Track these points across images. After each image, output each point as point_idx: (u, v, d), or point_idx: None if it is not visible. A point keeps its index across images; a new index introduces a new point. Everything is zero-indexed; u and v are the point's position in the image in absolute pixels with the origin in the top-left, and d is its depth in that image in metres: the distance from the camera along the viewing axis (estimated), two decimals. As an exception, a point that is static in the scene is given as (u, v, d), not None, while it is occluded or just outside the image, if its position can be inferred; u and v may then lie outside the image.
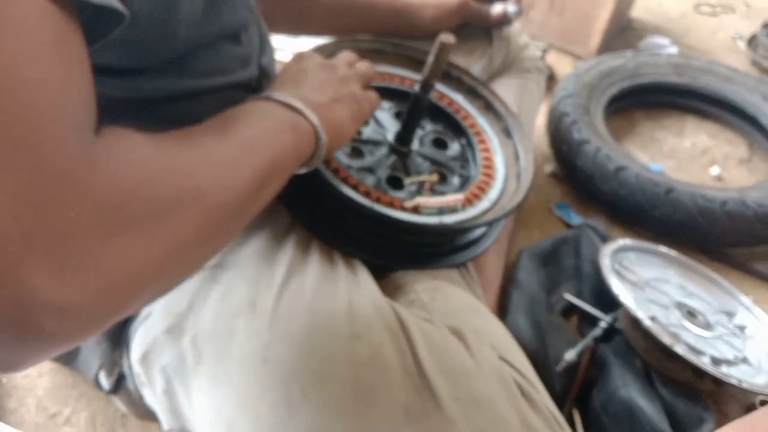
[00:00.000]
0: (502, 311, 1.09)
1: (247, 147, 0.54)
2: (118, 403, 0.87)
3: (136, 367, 0.72)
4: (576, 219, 1.39)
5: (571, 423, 0.97)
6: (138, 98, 0.61)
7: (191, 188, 0.45)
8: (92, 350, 0.78)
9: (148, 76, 0.61)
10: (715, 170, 1.61)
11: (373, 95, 0.81)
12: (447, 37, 0.81)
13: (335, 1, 1.09)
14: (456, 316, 0.75)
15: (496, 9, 1.14)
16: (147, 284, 0.41)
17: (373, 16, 1.11)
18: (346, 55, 0.84)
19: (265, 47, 0.85)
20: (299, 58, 0.77)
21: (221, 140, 0.53)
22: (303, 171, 0.70)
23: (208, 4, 0.63)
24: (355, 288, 0.72)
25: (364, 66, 0.83)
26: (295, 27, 1.11)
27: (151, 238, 0.40)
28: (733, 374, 0.96)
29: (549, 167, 1.54)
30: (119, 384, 0.79)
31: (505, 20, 1.15)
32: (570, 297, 1.13)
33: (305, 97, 0.66)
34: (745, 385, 0.94)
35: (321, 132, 0.65)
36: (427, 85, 0.86)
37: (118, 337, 0.76)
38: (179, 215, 0.43)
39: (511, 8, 1.13)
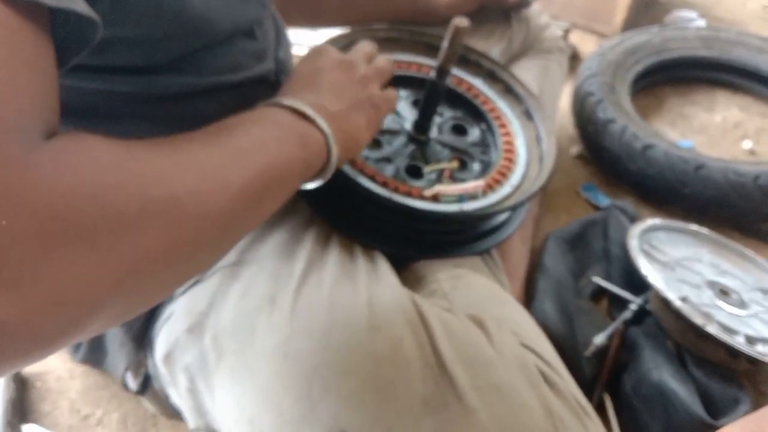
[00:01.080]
0: (528, 297, 1.08)
1: (238, 155, 0.50)
2: (147, 404, 0.88)
3: (161, 367, 0.73)
4: (604, 200, 1.37)
5: (603, 408, 0.96)
6: (153, 95, 0.62)
7: (160, 198, 0.40)
8: (118, 351, 0.79)
9: (162, 73, 0.62)
10: (747, 144, 1.57)
11: (391, 95, 0.77)
12: (461, 21, 0.80)
13: None
14: (477, 305, 0.74)
15: None
16: (102, 302, 0.36)
17: (389, 4, 1.10)
18: (364, 48, 0.80)
19: (281, 40, 0.84)
20: (315, 54, 0.73)
21: (207, 147, 0.48)
22: (312, 185, 0.66)
23: (221, 2, 0.63)
24: (374, 280, 0.72)
25: (383, 62, 0.79)
26: (312, 19, 1.11)
27: (106, 252, 0.36)
28: (770, 353, 0.94)
29: (575, 149, 1.52)
30: (146, 384, 0.80)
31: (523, 2, 1.13)
32: (599, 280, 1.12)
33: (319, 103, 0.63)
34: (781, 364, 0.92)
35: (333, 143, 0.62)
36: (442, 71, 0.84)
37: (142, 338, 0.77)
38: (143, 227, 0.38)
39: None
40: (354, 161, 0.81)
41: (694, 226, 1.21)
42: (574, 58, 1.78)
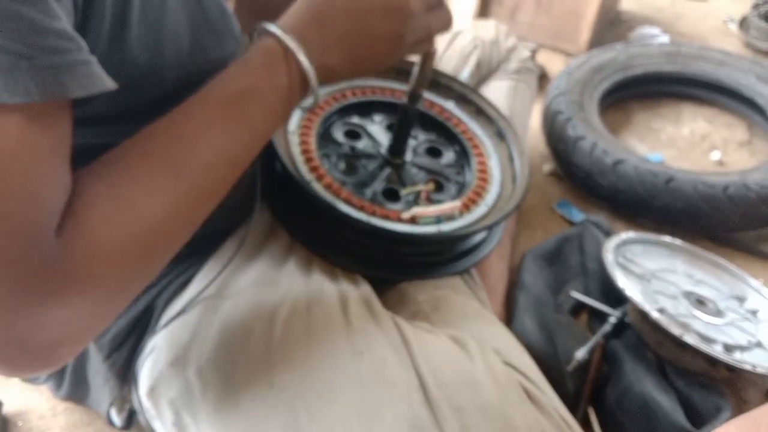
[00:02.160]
0: (508, 315, 1.09)
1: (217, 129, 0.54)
2: (132, 439, 0.87)
3: (145, 402, 0.73)
4: (578, 216, 1.39)
5: (587, 422, 0.96)
6: None
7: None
8: (101, 388, 0.79)
9: (139, 118, 0.61)
10: (715, 155, 1.61)
11: (438, 23, 0.68)
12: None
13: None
14: (459, 325, 0.75)
15: None
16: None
17: None
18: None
19: None
20: (388, 12, 0.62)
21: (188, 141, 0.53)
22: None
23: (193, 42, 0.62)
24: (357, 305, 0.72)
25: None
26: None
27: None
28: (747, 360, 0.96)
29: (548, 166, 1.54)
30: (131, 419, 0.80)
31: None
32: (577, 295, 1.13)
33: (329, 66, 0.60)
34: (759, 370, 0.93)
35: (314, 82, 0.59)
36: (414, 96, 0.86)
37: (126, 374, 0.76)
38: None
39: None
40: (330, 185, 0.82)
41: (667, 238, 1.23)
42: (543, 78, 1.81)
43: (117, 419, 0.81)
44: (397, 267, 0.87)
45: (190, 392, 0.67)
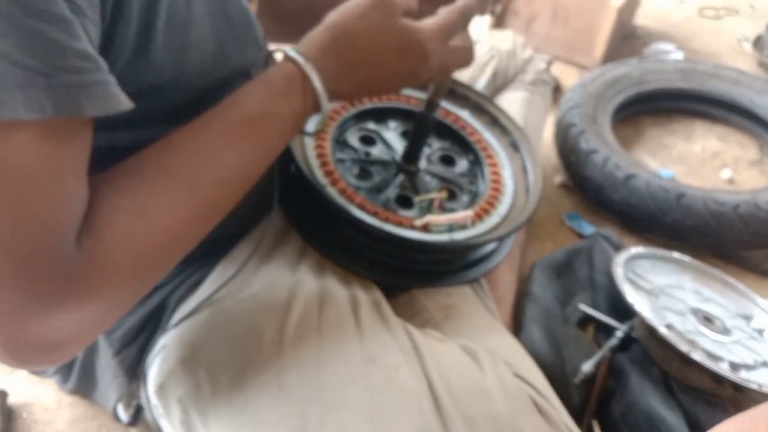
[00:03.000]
0: (516, 325, 1.09)
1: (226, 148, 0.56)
2: (137, 435, 0.88)
3: (153, 399, 0.73)
4: (588, 229, 1.39)
5: (592, 435, 0.97)
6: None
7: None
8: (109, 383, 0.79)
9: (161, 123, 0.62)
10: (726, 173, 1.61)
11: (455, 58, 0.69)
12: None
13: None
14: (469, 335, 0.75)
15: None
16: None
17: None
18: (453, 18, 0.67)
19: None
20: (381, 9, 0.62)
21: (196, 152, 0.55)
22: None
23: (217, 50, 0.63)
24: (369, 310, 0.72)
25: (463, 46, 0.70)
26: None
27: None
28: (753, 379, 0.95)
29: (559, 178, 1.54)
30: (137, 416, 0.80)
31: None
32: (585, 307, 1.13)
33: (340, 92, 0.64)
34: (766, 389, 0.93)
35: (324, 98, 0.62)
36: (432, 104, 0.86)
37: (135, 370, 0.77)
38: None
39: None
40: (345, 190, 0.83)
41: (676, 254, 1.23)
42: (557, 90, 1.81)
43: (124, 415, 0.81)
44: (408, 274, 0.87)
45: (199, 391, 0.68)
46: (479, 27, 1.14)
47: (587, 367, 0.99)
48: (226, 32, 0.65)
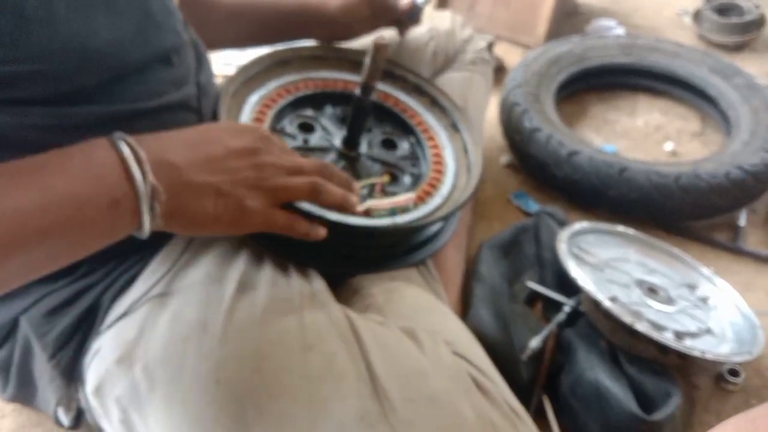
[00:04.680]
0: (465, 306, 1.10)
1: (25, 200, 0.48)
2: (81, 438, 0.86)
3: (92, 401, 0.72)
4: (534, 207, 1.40)
5: (542, 410, 0.97)
6: (66, 125, 0.61)
7: None
8: (47, 387, 0.77)
9: (76, 104, 0.61)
10: (669, 146, 1.63)
11: (280, 219, 0.68)
12: (380, 39, 0.81)
13: (234, 7, 1.04)
14: (410, 316, 0.75)
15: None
16: None
17: (278, 15, 1.06)
18: (310, 165, 0.71)
19: (202, 65, 0.84)
20: (233, 126, 0.67)
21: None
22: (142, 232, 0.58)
23: (136, 32, 0.63)
24: (308, 299, 0.71)
25: (303, 182, 0.69)
26: (209, 41, 0.95)
27: None
28: (697, 346, 0.97)
29: (505, 158, 1.55)
30: (79, 419, 0.78)
31: (414, 10, 1.11)
32: (532, 284, 1.14)
33: (166, 159, 0.57)
34: (708, 356, 0.95)
35: (145, 213, 0.54)
36: (366, 88, 0.85)
37: (72, 372, 0.75)
38: None
39: None
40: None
41: (620, 228, 1.25)
42: (500, 70, 1.82)
43: (65, 419, 0.79)
44: (351, 260, 0.87)
45: (136, 390, 0.66)
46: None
47: (535, 343, 0.99)
48: (143, 17, 0.65)
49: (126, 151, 0.53)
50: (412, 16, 1.12)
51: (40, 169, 0.51)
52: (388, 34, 1.15)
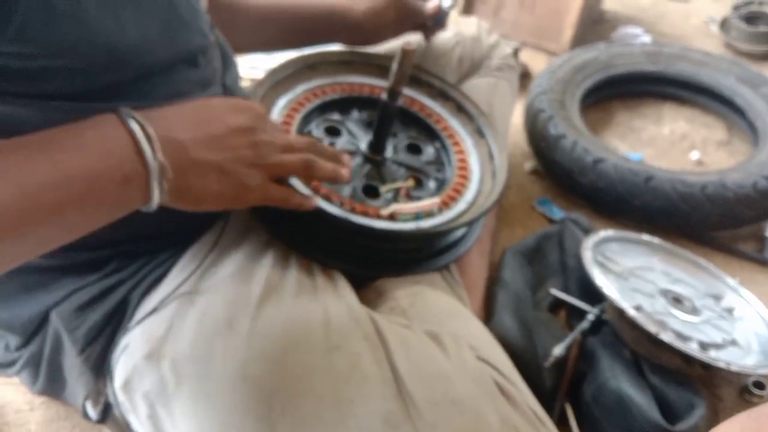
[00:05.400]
0: (488, 311, 1.09)
1: (43, 173, 0.50)
2: (108, 432, 0.87)
3: (120, 395, 0.73)
4: (558, 214, 1.39)
5: (564, 417, 0.97)
6: None
7: None
8: (76, 381, 0.78)
9: (99, 100, 0.62)
10: (695, 155, 1.62)
11: (276, 193, 0.71)
12: (408, 44, 0.82)
13: (261, 11, 1.05)
14: (435, 320, 0.75)
15: (431, 3, 1.09)
16: None
17: (305, 19, 1.07)
18: (299, 141, 0.74)
19: (228, 66, 0.85)
20: (228, 101, 0.68)
21: (15, 152, 0.50)
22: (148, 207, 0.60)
23: (162, 30, 0.64)
24: (334, 300, 0.72)
25: (296, 159, 0.72)
26: (237, 44, 0.97)
27: None
28: (722, 357, 0.97)
29: (529, 164, 1.55)
30: (106, 413, 0.79)
31: (440, 15, 1.11)
32: (556, 292, 1.14)
33: (173, 137, 0.59)
34: (733, 368, 0.94)
35: (155, 189, 0.57)
36: (393, 93, 0.86)
37: (101, 367, 0.76)
38: None
39: (446, 3, 1.09)
40: (310, 181, 0.82)
41: (645, 236, 1.24)
42: (526, 76, 1.82)
43: (92, 413, 0.80)
44: (375, 263, 0.87)
45: (164, 386, 0.67)
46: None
47: (558, 350, 0.99)
48: (170, 16, 0.66)
49: (136, 128, 0.55)
50: (438, 20, 1.12)
51: (51, 145, 0.53)
52: (414, 38, 1.15)
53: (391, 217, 0.83)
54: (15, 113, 0.57)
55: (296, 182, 0.79)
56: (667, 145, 1.66)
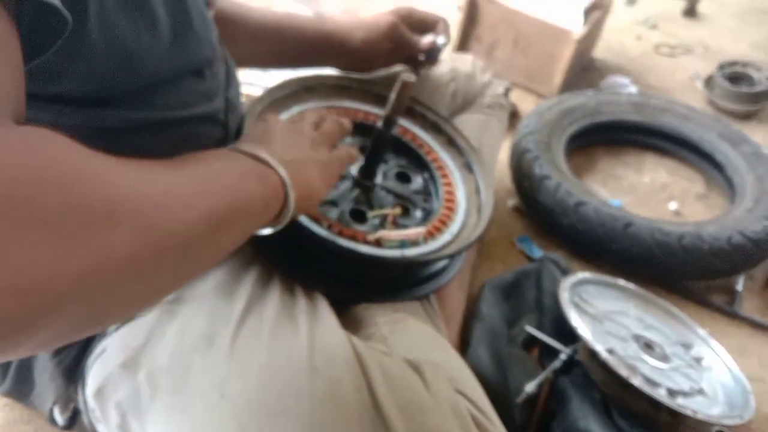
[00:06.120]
0: (464, 344, 1.10)
1: (204, 182, 0.51)
2: (74, 439, 0.86)
3: (91, 402, 0.72)
4: (537, 252, 1.41)
5: (532, 455, 0.98)
6: (101, 128, 0.62)
7: (126, 202, 0.39)
8: (47, 385, 0.77)
9: (109, 107, 0.63)
10: (673, 205, 1.65)
11: (342, 153, 0.81)
12: (408, 76, 0.83)
13: (261, 28, 1.06)
14: (414, 350, 0.76)
15: (426, 39, 1.11)
16: (62, 299, 0.33)
17: (302, 42, 1.09)
18: (310, 117, 0.83)
19: (231, 80, 0.86)
20: (263, 120, 0.75)
21: (171, 170, 0.49)
22: (269, 230, 0.67)
23: (174, 41, 0.65)
24: (314, 322, 0.72)
25: (330, 125, 0.82)
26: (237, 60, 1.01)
27: (71, 243, 0.34)
28: (689, 405, 0.98)
29: (511, 201, 1.57)
30: (74, 419, 0.78)
31: (434, 50, 1.12)
32: (531, 329, 1.15)
33: (273, 152, 0.64)
34: (700, 416, 0.96)
35: (290, 186, 0.63)
36: (389, 121, 0.87)
37: (73, 372, 0.75)
38: (109, 227, 0.36)
39: (440, 40, 1.11)
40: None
41: (621, 281, 1.26)
42: (514, 116, 1.85)
43: (60, 418, 0.79)
44: (358, 288, 0.88)
45: (138, 396, 0.67)
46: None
47: (530, 387, 1.00)
48: (183, 27, 0.66)
49: (266, 155, 0.62)
50: (431, 56, 1.14)
51: (194, 162, 0.54)
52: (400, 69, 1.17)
53: (378, 242, 0.84)
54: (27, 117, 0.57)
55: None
56: (646, 194, 1.69)
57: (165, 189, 0.44)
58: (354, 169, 0.94)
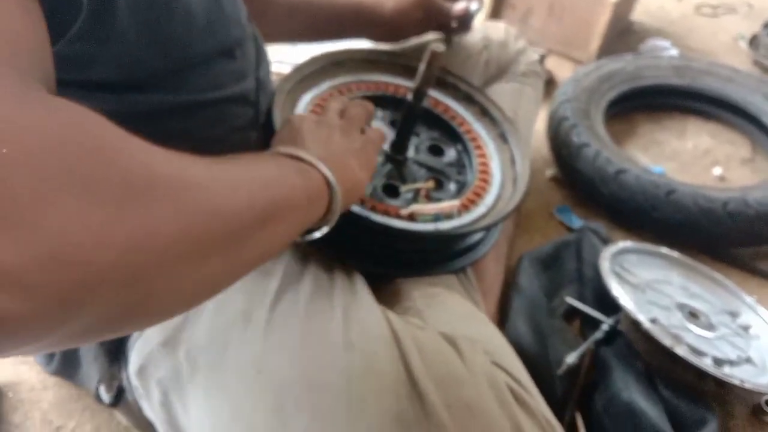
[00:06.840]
0: (502, 316, 1.09)
1: (245, 172, 0.50)
2: (120, 416, 0.88)
3: (134, 380, 0.73)
4: (577, 222, 1.39)
5: (574, 426, 0.97)
6: (134, 112, 0.62)
7: (170, 179, 0.37)
8: (91, 364, 0.79)
9: (142, 91, 0.63)
10: (717, 171, 1.61)
11: (373, 135, 0.79)
12: (437, 46, 0.82)
13: (290, 3, 1.05)
14: (451, 323, 0.75)
15: (459, 5, 1.09)
16: (104, 272, 0.31)
17: (333, 14, 1.08)
18: (334, 106, 0.80)
19: (261, 60, 0.86)
20: (289, 121, 0.73)
21: (214, 163, 0.45)
22: (324, 229, 0.66)
23: (206, 24, 0.65)
24: (350, 297, 0.72)
25: (355, 110, 0.80)
26: (265, 34, 0.97)
27: (112, 212, 0.32)
28: (736, 374, 0.96)
29: (550, 171, 1.54)
30: (119, 397, 0.80)
31: (467, 17, 1.10)
32: (571, 300, 1.13)
33: (309, 149, 0.64)
34: (747, 386, 0.94)
35: (334, 182, 0.62)
36: (419, 94, 0.86)
37: (116, 352, 0.77)
38: (151, 201, 0.35)
39: (473, 6, 1.09)
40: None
41: (664, 249, 1.24)
42: (550, 83, 1.81)
43: (105, 396, 0.81)
44: (393, 263, 0.87)
45: (178, 374, 0.68)
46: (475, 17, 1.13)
47: (571, 359, 0.99)
48: (215, 9, 0.66)
49: (306, 155, 0.61)
50: (464, 22, 1.12)
51: (232, 159, 0.53)
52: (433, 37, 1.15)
53: (411, 217, 0.83)
54: None
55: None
56: (689, 160, 1.65)
57: (209, 174, 0.43)
58: (385, 144, 0.93)
